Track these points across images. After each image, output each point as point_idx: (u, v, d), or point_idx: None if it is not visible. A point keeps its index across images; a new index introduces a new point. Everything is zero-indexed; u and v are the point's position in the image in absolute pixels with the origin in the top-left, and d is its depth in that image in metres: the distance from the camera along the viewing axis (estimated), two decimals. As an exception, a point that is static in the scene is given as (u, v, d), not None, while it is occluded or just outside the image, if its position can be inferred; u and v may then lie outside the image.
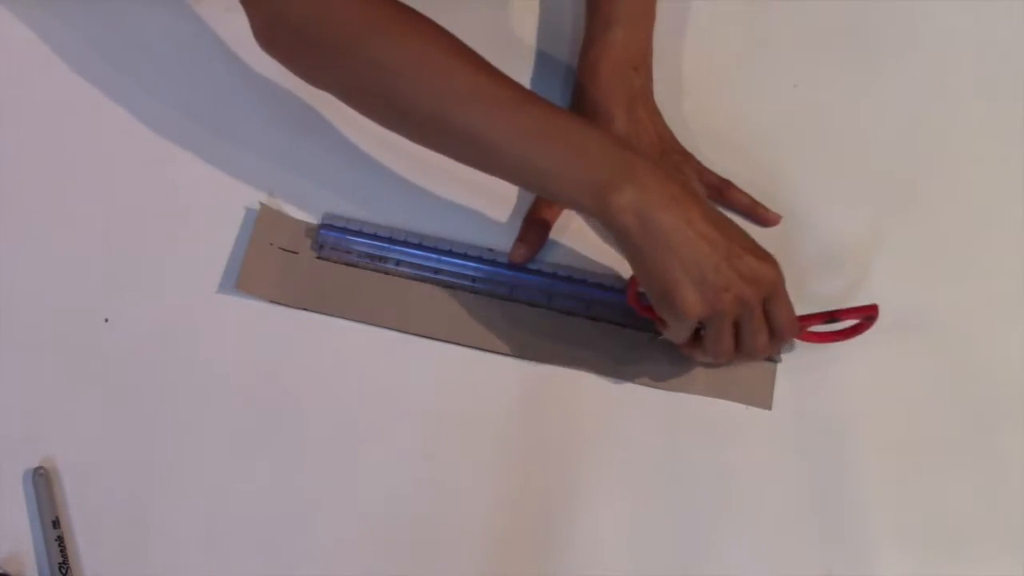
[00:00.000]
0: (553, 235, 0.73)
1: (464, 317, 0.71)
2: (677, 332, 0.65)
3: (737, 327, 0.64)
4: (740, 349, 0.65)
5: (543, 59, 0.78)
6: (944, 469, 0.69)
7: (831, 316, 0.68)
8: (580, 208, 0.62)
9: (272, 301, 0.72)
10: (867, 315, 0.68)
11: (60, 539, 0.65)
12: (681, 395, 0.70)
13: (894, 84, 0.78)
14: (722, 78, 0.78)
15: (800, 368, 0.71)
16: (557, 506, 0.68)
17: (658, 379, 0.70)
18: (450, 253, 0.72)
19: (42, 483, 0.67)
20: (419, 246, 0.72)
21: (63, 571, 0.65)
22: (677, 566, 0.67)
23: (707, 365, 0.70)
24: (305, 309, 0.71)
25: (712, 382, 0.70)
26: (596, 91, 0.73)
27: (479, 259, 0.72)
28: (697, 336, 0.66)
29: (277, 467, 0.68)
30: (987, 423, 0.70)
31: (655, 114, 0.74)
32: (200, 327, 0.71)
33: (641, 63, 0.74)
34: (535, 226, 0.73)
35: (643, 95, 0.73)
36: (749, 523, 0.68)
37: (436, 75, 0.62)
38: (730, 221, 0.63)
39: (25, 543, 0.66)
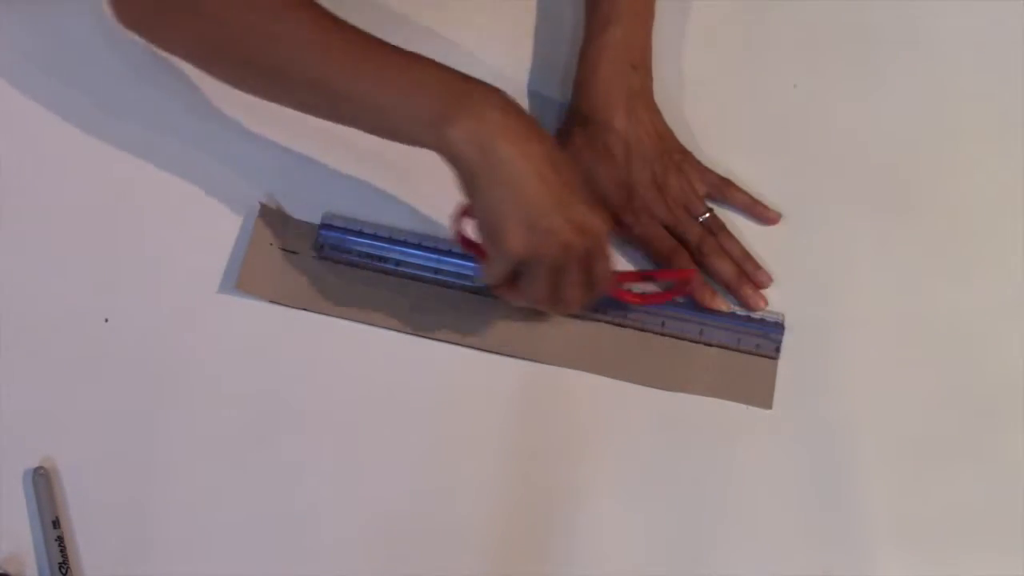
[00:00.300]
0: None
1: (464, 317, 0.71)
2: (496, 269, 0.63)
3: (555, 275, 0.63)
4: (554, 298, 0.64)
5: (541, 59, 0.78)
6: (944, 469, 0.69)
7: (647, 276, 0.69)
8: (421, 143, 0.61)
9: (272, 301, 0.72)
10: (683, 279, 0.69)
11: (60, 539, 0.65)
12: (681, 395, 0.70)
13: (894, 84, 0.78)
14: (722, 78, 0.78)
15: (800, 368, 0.71)
16: (557, 506, 0.68)
17: (658, 379, 0.70)
18: (450, 253, 0.72)
19: (42, 483, 0.67)
20: (419, 246, 0.72)
21: (63, 571, 0.65)
22: (677, 565, 0.67)
23: (533, 318, 0.70)
24: (305, 309, 0.71)
25: (712, 382, 0.70)
26: (595, 90, 0.73)
27: None
28: (514, 281, 0.65)
29: (277, 467, 0.68)
30: (987, 423, 0.70)
31: (655, 113, 0.74)
32: (200, 327, 0.71)
33: (640, 62, 0.74)
34: None
35: (643, 94, 0.73)
36: (749, 522, 0.68)
37: (275, 24, 0.62)
38: (572, 167, 0.62)
39: (25, 543, 0.66)
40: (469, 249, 0.67)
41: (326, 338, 0.71)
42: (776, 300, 0.72)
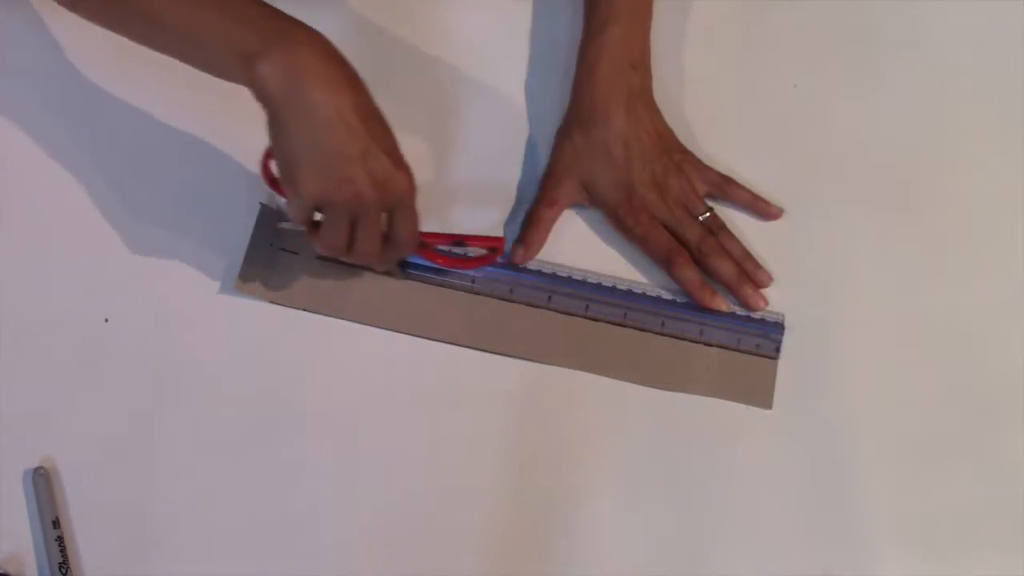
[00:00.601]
0: (553, 235, 0.73)
1: (463, 318, 0.71)
2: (293, 211, 0.64)
3: (351, 225, 0.63)
4: (352, 249, 0.65)
5: (540, 60, 0.78)
6: (944, 469, 0.69)
7: (458, 240, 0.69)
8: (234, 78, 0.61)
9: (272, 302, 0.72)
10: (493, 246, 0.69)
11: (60, 539, 0.65)
12: (681, 395, 0.70)
13: (894, 84, 0.78)
14: (722, 78, 0.78)
15: (800, 368, 0.71)
16: (557, 506, 0.68)
17: (658, 379, 0.70)
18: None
19: (42, 483, 0.67)
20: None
21: (63, 571, 0.65)
22: (677, 565, 0.67)
23: (348, 266, 0.70)
24: (305, 310, 0.71)
25: (712, 382, 0.70)
26: (594, 90, 0.73)
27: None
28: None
29: (277, 467, 0.68)
30: (987, 423, 0.70)
31: (655, 112, 0.74)
32: (200, 327, 0.71)
33: (639, 61, 0.74)
34: (535, 226, 0.73)
35: (642, 93, 0.74)
36: (749, 522, 0.68)
37: None
38: (383, 122, 0.62)
39: (25, 543, 0.66)
40: (274, 189, 0.67)
41: (326, 338, 0.71)
42: (776, 300, 0.72)
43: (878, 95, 0.78)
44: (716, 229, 0.73)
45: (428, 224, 0.67)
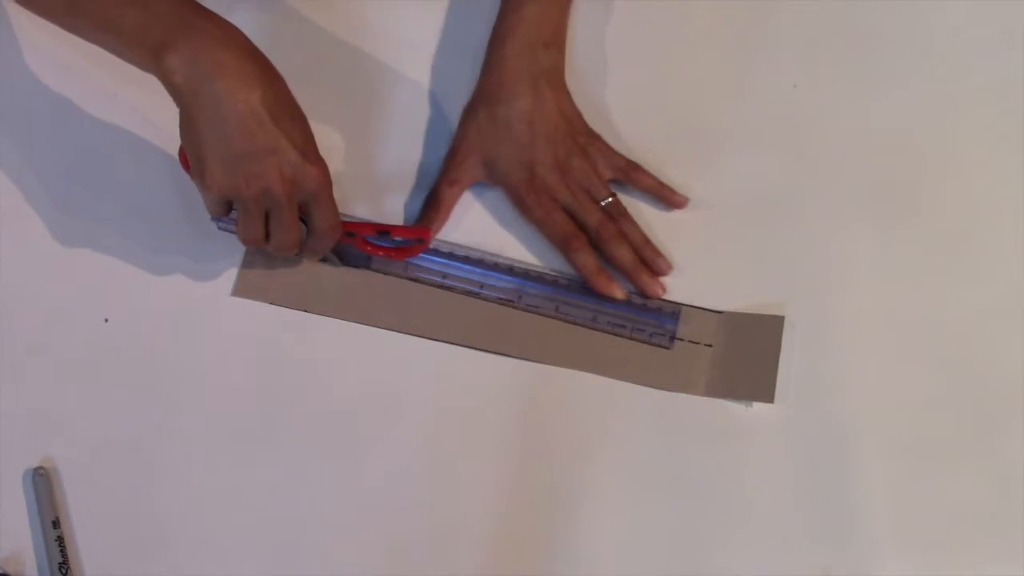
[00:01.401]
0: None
1: (465, 320, 0.71)
2: (206, 203, 0.65)
3: (263, 218, 0.64)
4: (270, 241, 0.65)
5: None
6: (944, 469, 0.69)
7: (384, 229, 0.69)
8: (148, 69, 0.62)
9: (272, 303, 0.72)
10: (419, 236, 0.70)
11: (60, 539, 0.66)
12: (682, 395, 0.70)
13: (894, 84, 0.78)
14: (722, 78, 0.78)
15: (800, 368, 0.71)
16: (558, 507, 0.68)
17: (659, 381, 0.70)
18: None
19: (42, 483, 0.67)
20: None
21: (63, 571, 0.65)
22: (677, 565, 0.67)
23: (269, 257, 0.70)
24: (305, 311, 0.71)
25: (713, 383, 0.70)
26: (503, 67, 0.72)
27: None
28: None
29: (277, 468, 0.69)
30: (987, 423, 0.70)
31: (563, 93, 0.73)
32: (200, 327, 0.71)
33: (552, 40, 0.73)
34: (435, 206, 0.72)
35: (552, 72, 0.73)
36: (749, 522, 0.68)
37: None
38: (296, 116, 0.63)
39: (25, 543, 0.66)
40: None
41: (325, 338, 0.71)
42: (776, 299, 0.72)
43: (878, 95, 0.78)
44: (617, 215, 0.72)
45: (358, 210, 0.68)
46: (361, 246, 0.70)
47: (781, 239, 0.74)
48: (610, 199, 0.72)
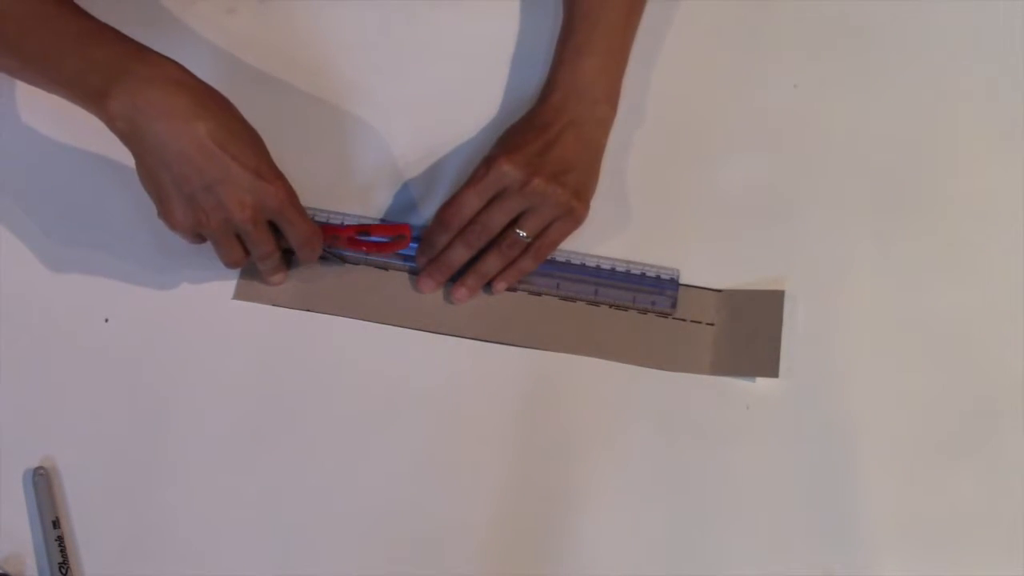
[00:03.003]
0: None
1: (468, 309, 0.71)
2: (182, 238, 0.66)
3: (236, 242, 0.65)
4: (257, 259, 0.67)
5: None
6: (944, 469, 0.69)
7: (364, 229, 0.70)
8: (94, 115, 0.63)
9: (272, 304, 0.72)
10: (400, 233, 0.70)
11: (60, 539, 0.65)
12: (682, 394, 0.70)
13: (894, 84, 0.78)
14: (722, 78, 0.78)
15: (800, 368, 0.71)
16: (558, 506, 0.68)
17: (663, 362, 0.71)
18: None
19: (42, 483, 0.67)
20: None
21: (63, 571, 0.65)
22: (677, 564, 0.67)
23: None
24: (307, 310, 0.71)
25: (716, 361, 0.71)
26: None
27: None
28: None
29: (277, 467, 0.68)
30: (987, 423, 0.70)
31: (591, 152, 0.72)
32: (200, 326, 0.71)
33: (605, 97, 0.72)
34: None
35: (601, 127, 0.72)
36: (749, 522, 0.68)
37: None
38: (246, 139, 0.63)
39: (25, 543, 0.66)
40: None
41: (324, 336, 0.71)
42: (775, 280, 0.72)
43: (878, 95, 0.78)
44: (521, 249, 0.70)
45: (344, 207, 0.70)
46: (348, 246, 0.70)
47: (779, 232, 0.74)
48: (528, 238, 0.69)
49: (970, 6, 0.80)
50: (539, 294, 0.72)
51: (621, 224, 0.74)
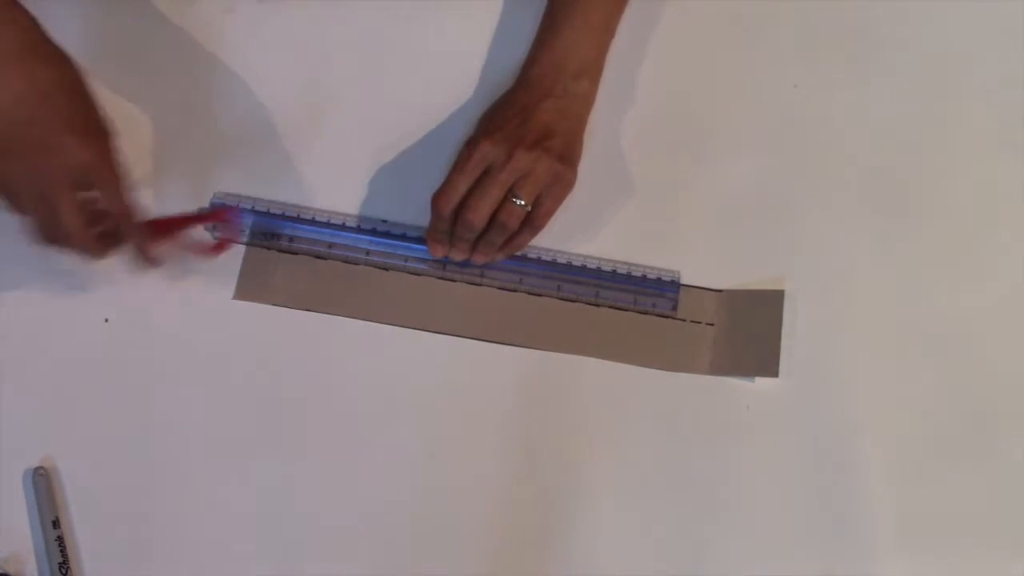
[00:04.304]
0: (555, 221, 0.72)
1: (468, 309, 0.72)
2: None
3: (36, 209, 0.63)
4: (58, 233, 0.63)
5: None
6: (945, 469, 0.69)
7: (189, 221, 0.70)
8: None
9: (272, 304, 0.72)
10: (220, 220, 0.71)
11: (60, 539, 0.66)
12: (682, 394, 0.70)
13: (894, 84, 0.78)
14: (722, 78, 0.78)
15: (800, 368, 0.71)
16: (557, 506, 0.68)
17: (663, 362, 0.71)
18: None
19: (42, 483, 0.67)
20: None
21: (63, 571, 0.65)
22: (677, 564, 0.67)
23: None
24: (308, 310, 0.71)
25: (716, 361, 0.71)
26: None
27: None
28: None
29: (277, 467, 0.68)
30: (987, 423, 0.70)
31: (574, 123, 0.72)
32: (200, 326, 0.71)
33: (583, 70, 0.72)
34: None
35: (583, 103, 0.72)
36: (749, 522, 0.68)
37: None
38: (69, 93, 0.61)
39: (25, 543, 0.66)
40: None
41: (324, 336, 0.71)
42: (775, 280, 0.72)
43: (878, 95, 0.78)
44: (520, 220, 0.70)
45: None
46: (169, 231, 0.69)
47: (780, 232, 0.74)
48: (525, 203, 0.69)
49: (970, 6, 0.80)
50: (540, 295, 0.72)
51: (621, 224, 0.74)
